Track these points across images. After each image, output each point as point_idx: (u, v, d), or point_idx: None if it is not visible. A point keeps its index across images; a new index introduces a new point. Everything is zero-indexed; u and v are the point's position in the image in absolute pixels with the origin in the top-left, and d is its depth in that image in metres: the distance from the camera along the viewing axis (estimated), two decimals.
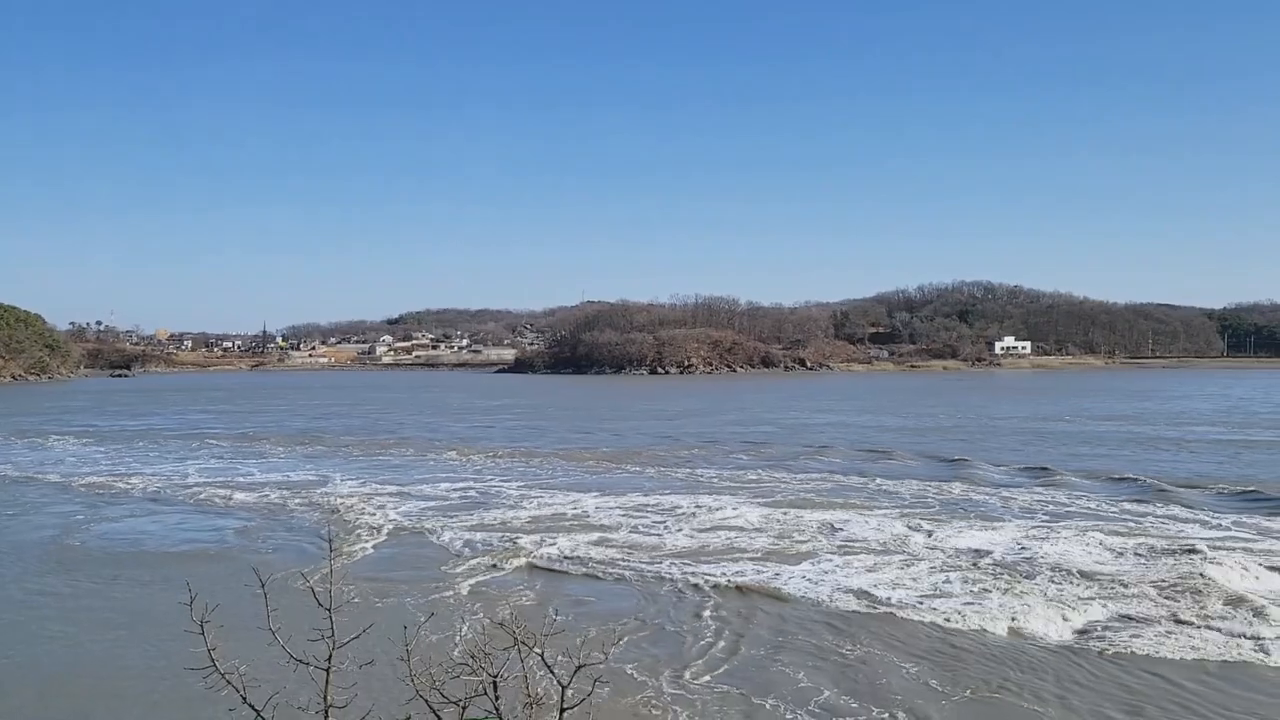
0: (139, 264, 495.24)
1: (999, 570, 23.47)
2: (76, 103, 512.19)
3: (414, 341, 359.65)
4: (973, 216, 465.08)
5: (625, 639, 17.56)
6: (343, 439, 63.68)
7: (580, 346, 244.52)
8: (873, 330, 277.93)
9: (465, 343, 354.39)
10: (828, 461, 47.30)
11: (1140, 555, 24.78)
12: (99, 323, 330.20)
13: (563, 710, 6.03)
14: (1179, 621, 18.74)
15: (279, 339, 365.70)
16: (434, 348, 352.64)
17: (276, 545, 28.19)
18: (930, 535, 27.85)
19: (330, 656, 5.84)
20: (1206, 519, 30.48)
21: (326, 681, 5.81)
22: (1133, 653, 17.14)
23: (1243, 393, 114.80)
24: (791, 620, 19.61)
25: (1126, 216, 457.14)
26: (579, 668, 6.18)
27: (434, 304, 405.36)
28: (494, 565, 24.77)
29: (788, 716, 14.64)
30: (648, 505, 34.09)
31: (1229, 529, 28.78)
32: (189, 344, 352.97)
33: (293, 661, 5.81)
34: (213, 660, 5.57)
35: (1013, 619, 19.20)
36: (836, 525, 29.57)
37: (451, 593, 22.20)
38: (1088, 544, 26.17)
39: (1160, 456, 49.07)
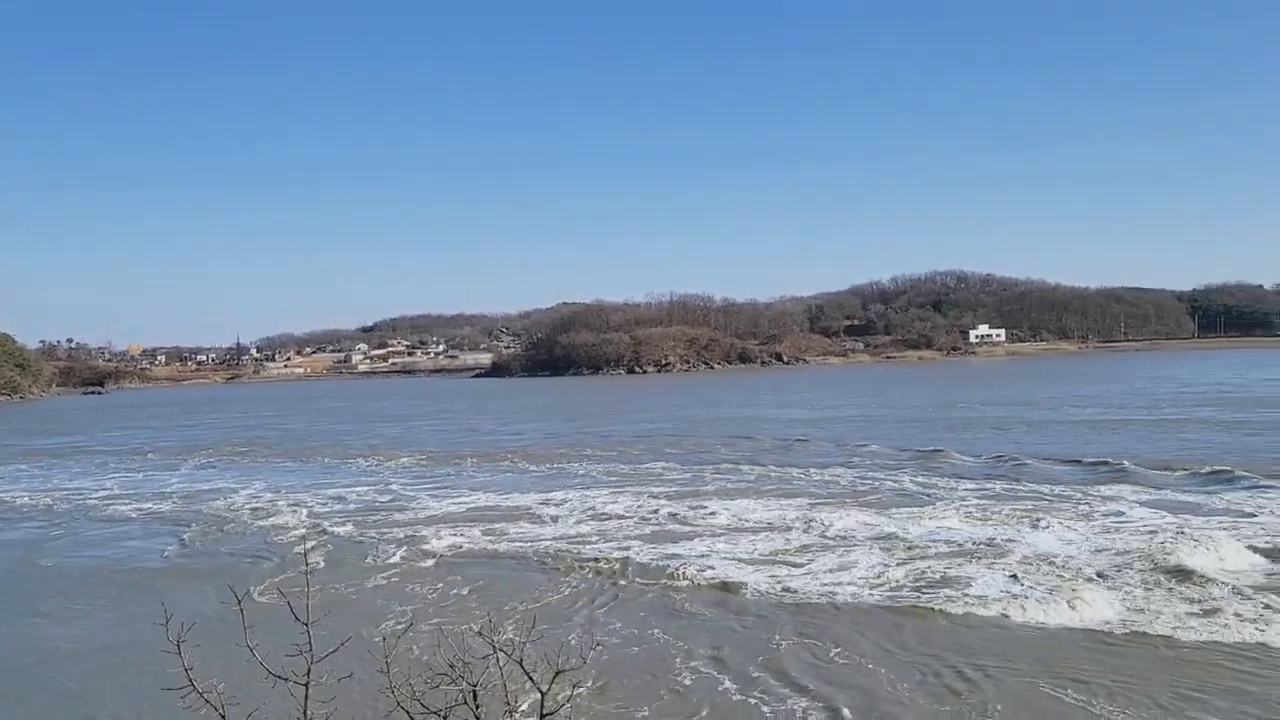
0: (109, 279, 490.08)
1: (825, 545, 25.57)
2: (29, 113, 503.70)
3: (390, 349, 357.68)
4: (944, 206, 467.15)
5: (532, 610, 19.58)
6: (290, 448, 64.15)
7: (557, 348, 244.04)
8: (848, 323, 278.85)
9: (441, 348, 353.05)
10: (748, 453, 48.00)
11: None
12: (70, 340, 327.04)
13: (543, 716, 6.02)
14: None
15: (253, 350, 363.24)
16: (410, 354, 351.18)
17: (235, 558, 28.03)
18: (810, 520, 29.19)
19: (309, 671, 5.75)
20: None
21: (305, 696, 5.76)
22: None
23: (1182, 373, 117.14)
24: (629, 590, 21.79)
25: (1096, 202, 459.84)
26: (557, 673, 6.17)
27: (409, 310, 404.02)
28: (434, 563, 25.70)
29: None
30: (565, 500, 35.50)
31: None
32: (162, 359, 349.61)
33: (271, 677, 5.75)
34: (190, 680, 5.51)
35: (786, 582, 21.77)
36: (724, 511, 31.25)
37: (415, 595, 22.44)
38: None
39: (1021, 437, 52.43)
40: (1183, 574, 20.39)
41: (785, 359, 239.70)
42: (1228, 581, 19.72)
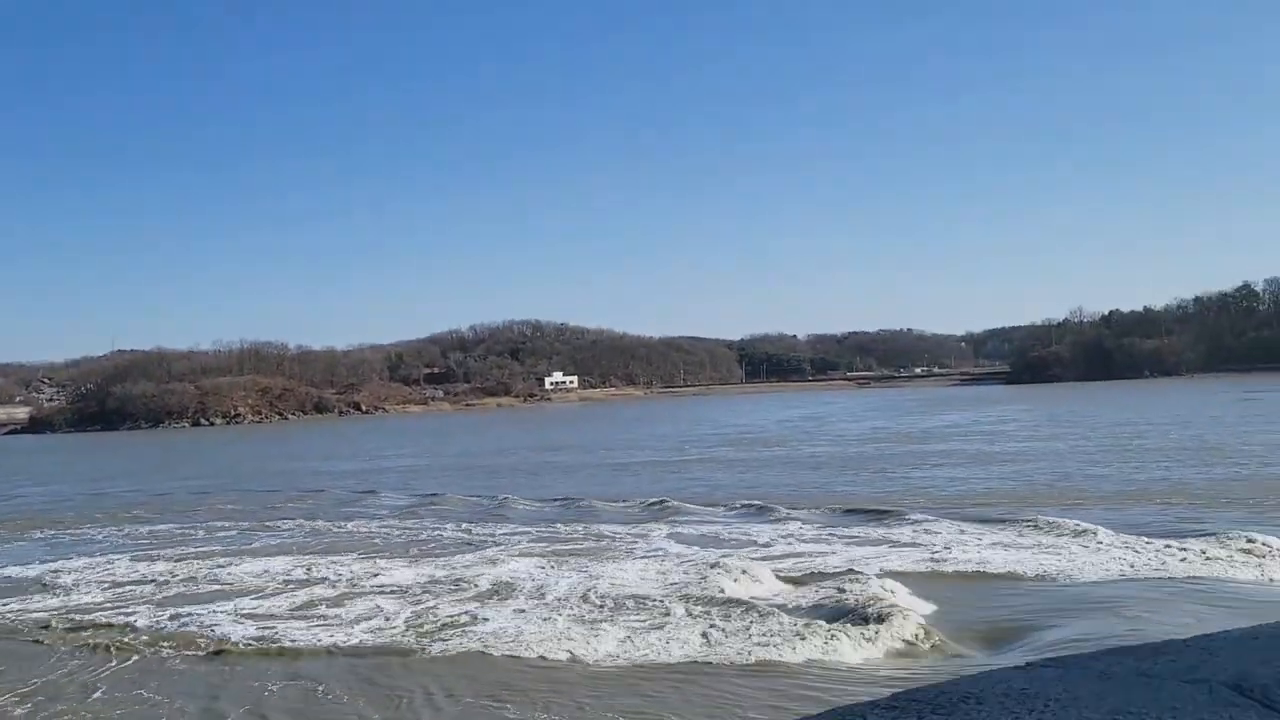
0: None
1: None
2: None
3: None
4: (519, 256, 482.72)
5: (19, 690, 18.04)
6: None
7: (110, 400, 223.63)
8: (428, 371, 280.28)
9: None
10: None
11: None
12: None
13: None
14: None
15: None
16: None
17: None
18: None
19: None
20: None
21: None
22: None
23: (720, 416, 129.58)
24: (128, 656, 20.35)
25: (648, 255, 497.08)
26: None
27: None
28: None
29: None
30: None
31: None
32: None
33: None
34: None
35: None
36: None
37: None
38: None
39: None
40: (699, 602, 22.12)
41: (364, 408, 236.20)
42: (739, 605, 21.60)
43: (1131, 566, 23.68)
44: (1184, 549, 25.05)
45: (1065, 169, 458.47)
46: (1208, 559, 23.90)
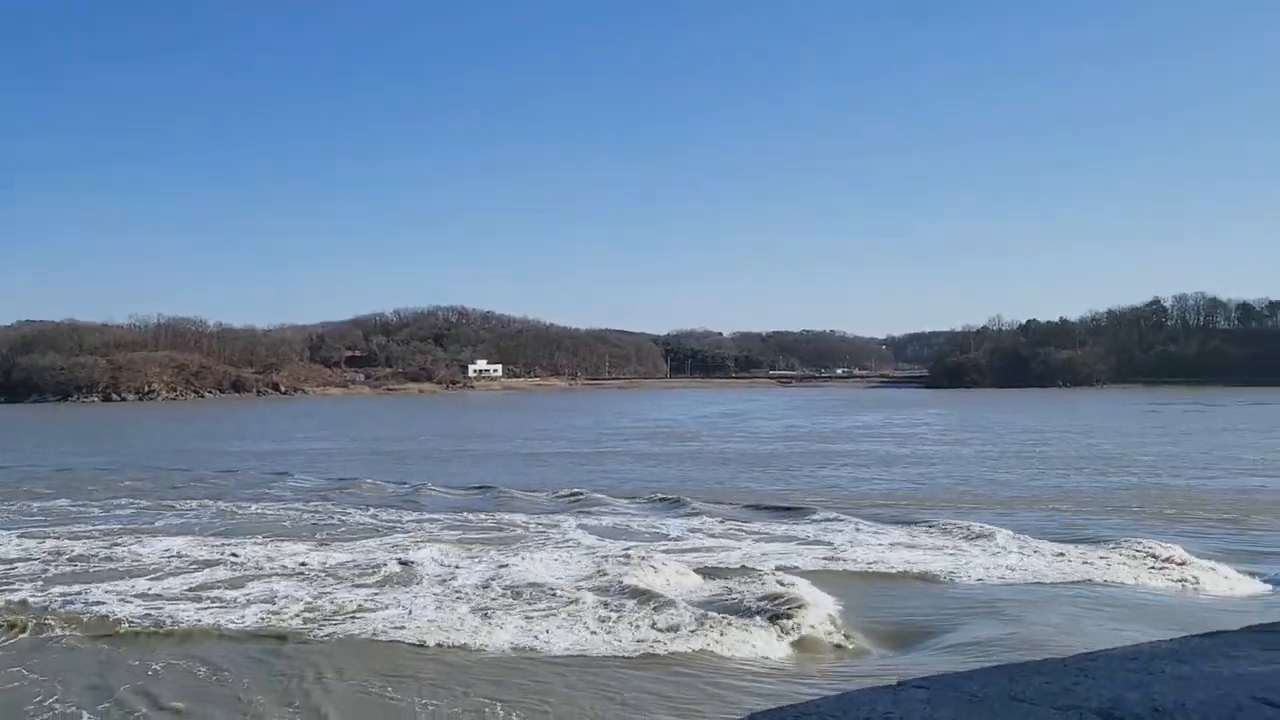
0: None
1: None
2: None
3: None
4: (447, 242, 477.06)
5: None
6: None
7: (15, 372, 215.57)
8: (349, 354, 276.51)
9: None
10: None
11: None
12: None
13: None
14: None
15: None
16: None
17: None
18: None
19: None
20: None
21: None
22: None
23: (641, 409, 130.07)
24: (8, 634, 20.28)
25: (581, 246, 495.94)
26: None
27: None
28: None
29: None
30: None
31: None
32: None
33: None
34: None
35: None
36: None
37: None
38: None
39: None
40: (600, 592, 22.36)
41: (283, 389, 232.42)
42: (640, 596, 21.86)
43: (1018, 570, 24.58)
44: (1068, 554, 26.08)
45: (989, 181, 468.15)
46: (1087, 564, 24.95)
